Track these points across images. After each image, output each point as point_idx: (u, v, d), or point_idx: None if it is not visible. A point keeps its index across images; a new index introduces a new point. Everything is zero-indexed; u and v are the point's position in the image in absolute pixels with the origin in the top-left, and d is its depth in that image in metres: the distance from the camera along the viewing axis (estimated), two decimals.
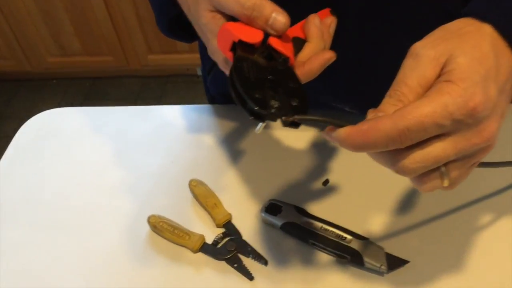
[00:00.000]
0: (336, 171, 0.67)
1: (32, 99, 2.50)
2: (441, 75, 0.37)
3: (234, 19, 0.45)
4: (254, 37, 0.43)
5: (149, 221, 0.61)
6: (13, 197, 0.69)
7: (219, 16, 0.46)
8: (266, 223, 0.61)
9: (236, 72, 0.40)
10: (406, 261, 0.55)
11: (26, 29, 2.29)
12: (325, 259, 0.58)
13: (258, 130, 0.40)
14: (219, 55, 0.47)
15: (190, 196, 0.66)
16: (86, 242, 0.62)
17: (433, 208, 0.61)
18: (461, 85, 0.35)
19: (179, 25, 0.60)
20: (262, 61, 0.43)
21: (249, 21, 0.44)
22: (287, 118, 0.38)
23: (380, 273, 0.55)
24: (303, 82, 0.44)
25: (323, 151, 0.70)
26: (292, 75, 0.43)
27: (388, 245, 0.57)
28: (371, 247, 0.56)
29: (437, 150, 0.36)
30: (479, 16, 0.40)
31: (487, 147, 0.38)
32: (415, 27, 0.51)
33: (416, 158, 0.37)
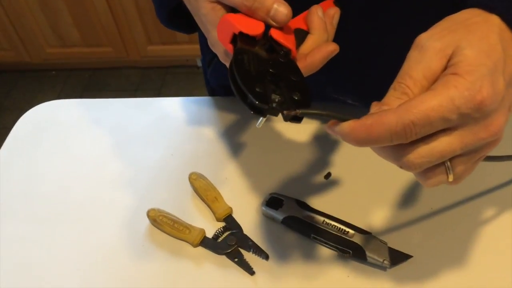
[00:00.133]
0: (338, 164, 0.66)
1: (31, 90, 2.49)
2: (448, 68, 0.36)
3: (234, 10, 0.44)
4: (255, 28, 0.42)
5: (148, 215, 0.61)
6: (11, 189, 0.68)
7: (219, 7, 0.45)
8: (267, 217, 0.61)
9: (237, 65, 0.39)
10: (409, 256, 0.55)
11: (25, 20, 2.27)
12: (327, 253, 0.57)
13: (259, 124, 0.39)
14: (219, 47, 0.46)
15: (190, 189, 0.65)
16: (85, 236, 0.62)
17: (436, 202, 0.61)
18: (468, 78, 0.34)
19: (179, 16, 0.60)
20: (263, 53, 0.42)
21: (250, 12, 0.43)
22: (288, 112, 0.37)
23: (382, 268, 0.55)
24: (305, 75, 0.43)
25: (325, 144, 0.69)
26: (294, 68, 0.42)
27: (390, 239, 0.56)
28: (374, 241, 0.55)
29: (442, 144, 0.36)
30: (487, 6, 0.39)
31: (493, 142, 0.37)
32: (419, 17, 0.50)
33: (421, 153, 0.36)
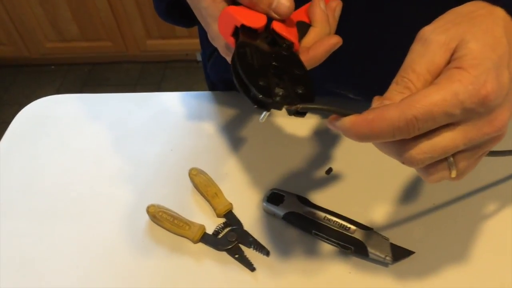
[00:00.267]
0: (339, 160, 0.66)
1: (30, 85, 2.49)
2: (452, 61, 0.35)
3: (235, 2, 0.43)
4: (257, 21, 0.42)
5: (148, 211, 0.60)
6: (9, 184, 0.68)
7: (219, 0, 0.44)
8: (268, 213, 0.60)
9: (239, 58, 0.38)
10: (412, 252, 0.54)
11: (23, 15, 2.26)
12: (328, 249, 0.57)
13: (262, 119, 0.38)
14: (220, 41, 0.46)
15: (190, 185, 0.65)
16: (84, 232, 0.61)
17: (438, 197, 0.60)
18: (473, 72, 0.34)
19: (178, 9, 0.59)
20: (265, 46, 0.41)
21: (251, 5, 0.42)
22: (292, 106, 0.37)
23: (384, 264, 0.54)
24: (308, 68, 0.42)
25: (326, 139, 0.69)
26: (297, 61, 0.41)
27: (392, 235, 0.56)
28: (376, 237, 0.55)
29: (445, 140, 0.35)
30: None
31: (497, 137, 0.37)
32: (422, 10, 0.49)
33: (423, 148, 0.36)
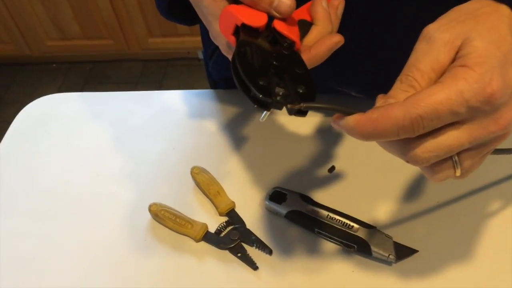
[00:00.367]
0: (342, 158, 0.66)
1: (31, 83, 2.48)
2: (456, 59, 0.35)
3: (236, 1, 0.43)
4: (258, 20, 0.41)
5: (150, 209, 0.60)
6: (11, 183, 0.68)
7: None
8: (270, 212, 0.60)
9: (239, 57, 0.38)
10: (415, 251, 0.54)
11: (24, 13, 2.26)
12: (331, 248, 0.57)
13: (262, 118, 0.38)
14: (221, 39, 0.45)
15: (192, 183, 0.64)
16: (86, 231, 0.61)
17: (442, 195, 0.60)
18: (478, 70, 0.33)
19: (179, 7, 0.59)
20: (266, 45, 0.41)
21: (252, 4, 0.42)
22: (293, 106, 0.36)
23: (388, 262, 0.54)
24: (310, 67, 0.42)
25: (329, 137, 0.68)
26: (298, 60, 0.41)
27: (396, 233, 0.56)
28: (379, 236, 0.55)
29: (450, 139, 0.35)
30: None
31: (503, 135, 0.37)
32: (425, 8, 0.49)
33: (428, 147, 0.35)
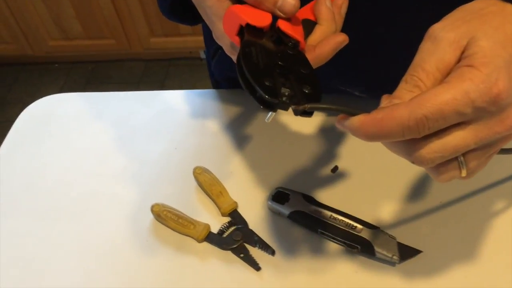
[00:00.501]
0: (345, 157, 0.65)
1: (34, 83, 2.49)
2: (462, 59, 0.35)
3: (240, 1, 0.43)
4: (262, 20, 0.41)
5: (152, 210, 0.60)
6: (13, 183, 0.67)
7: None
8: (273, 212, 0.60)
9: (244, 58, 0.38)
10: (419, 251, 0.54)
11: (26, 13, 2.26)
12: (334, 249, 0.56)
13: (268, 119, 0.38)
14: (225, 40, 0.45)
15: (194, 184, 0.64)
16: (87, 231, 0.61)
17: (445, 196, 0.60)
18: (484, 71, 0.33)
19: (181, 7, 0.58)
20: (271, 45, 0.41)
21: (256, 4, 0.42)
22: (297, 107, 0.36)
23: (391, 263, 0.54)
24: (314, 67, 0.42)
25: (332, 137, 0.68)
26: (303, 60, 0.41)
27: (399, 234, 0.55)
28: (382, 236, 0.54)
29: (456, 139, 0.35)
30: None
31: (509, 136, 0.36)
32: (429, 7, 0.49)
33: (433, 148, 0.35)
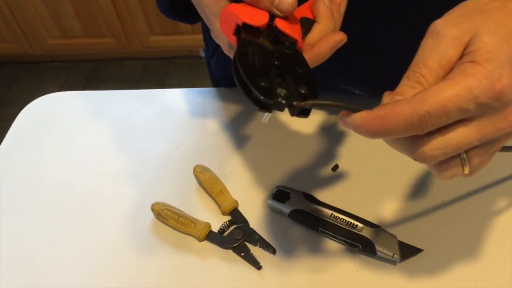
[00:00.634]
0: (345, 156, 0.65)
1: (33, 82, 2.48)
2: (465, 55, 0.34)
3: (237, 0, 0.42)
4: (259, 19, 0.41)
5: (153, 208, 0.60)
6: (13, 182, 0.67)
7: None
8: (273, 211, 0.60)
9: (240, 58, 0.37)
10: (420, 250, 0.53)
11: (26, 12, 2.26)
12: (335, 247, 0.56)
13: (264, 119, 0.37)
14: (223, 38, 0.45)
15: (195, 182, 0.64)
16: (88, 230, 0.61)
17: (447, 194, 0.60)
18: (487, 66, 0.33)
19: (180, 6, 0.58)
20: (268, 45, 0.40)
21: (253, 2, 0.41)
22: (299, 103, 0.36)
23: (392, 262, 0.54)
24: (312, 66, 0.41)
25: (332, 135, 0.68)
26: (300, 59, 0.40)
27: (400, 232, 0.55)
28: (383, 235, 0.54)
29: (459, 136, 0.34)
30: None
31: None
32: (429, 4, 0.48)
33: (436, 144, 0.35)
